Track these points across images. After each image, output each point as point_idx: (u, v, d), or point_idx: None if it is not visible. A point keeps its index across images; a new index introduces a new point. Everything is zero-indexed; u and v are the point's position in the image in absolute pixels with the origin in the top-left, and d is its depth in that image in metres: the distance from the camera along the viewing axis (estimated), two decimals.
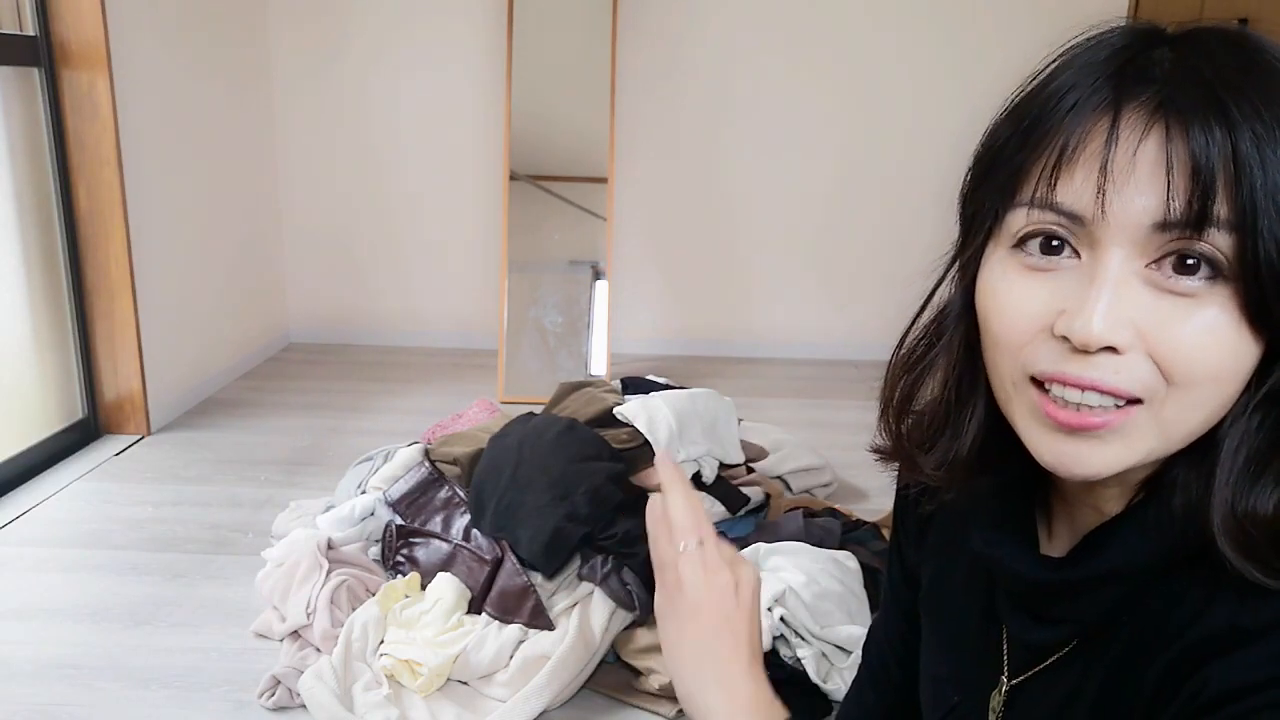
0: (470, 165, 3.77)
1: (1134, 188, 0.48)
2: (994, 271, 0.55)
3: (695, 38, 3.65)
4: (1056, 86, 0.52)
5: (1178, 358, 0.48)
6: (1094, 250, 0.50)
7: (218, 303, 3.39)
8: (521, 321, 3.42)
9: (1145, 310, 0.49)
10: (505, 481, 1.96)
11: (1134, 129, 0.48)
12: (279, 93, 3.74)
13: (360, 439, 2.84)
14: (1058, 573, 0.57)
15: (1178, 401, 0.49)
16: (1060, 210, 0.50)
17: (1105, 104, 0.49)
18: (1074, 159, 0.50)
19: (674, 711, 1.67)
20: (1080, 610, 0.56)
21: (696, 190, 3.81)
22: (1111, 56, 0.51)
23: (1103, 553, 0.55)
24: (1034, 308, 0.52)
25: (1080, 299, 0.49)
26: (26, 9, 2.57)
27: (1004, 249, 0.54)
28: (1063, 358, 0.51)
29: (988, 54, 3.59)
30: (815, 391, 3.52)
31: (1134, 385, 0.49)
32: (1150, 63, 0.50)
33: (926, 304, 0.64)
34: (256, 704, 1.67)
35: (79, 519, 2.37)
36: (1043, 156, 0.51)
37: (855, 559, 1.95)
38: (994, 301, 0.54)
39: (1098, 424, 0.50)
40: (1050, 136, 0.51)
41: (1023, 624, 0.60)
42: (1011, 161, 0.53)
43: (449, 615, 1.80)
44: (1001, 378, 0.55)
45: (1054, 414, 0.52)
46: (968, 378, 0.61)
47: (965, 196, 0.59)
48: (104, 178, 2.71)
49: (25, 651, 1.82)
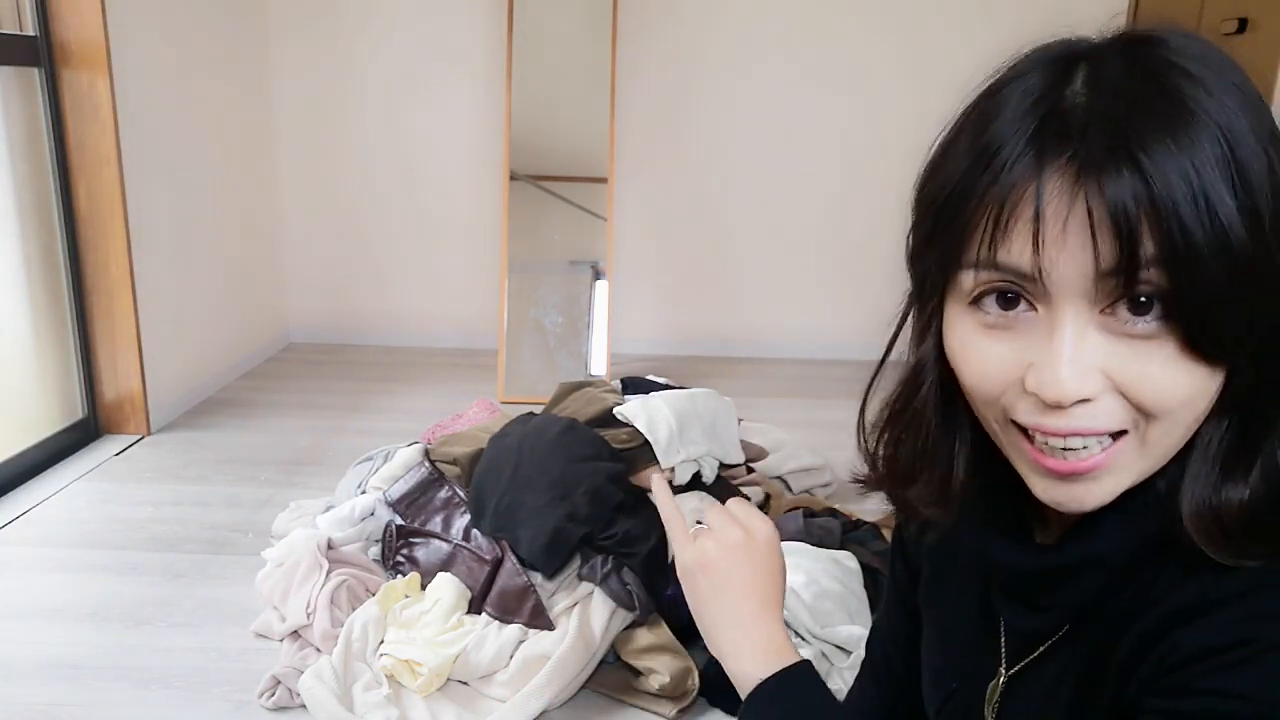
0: (470, 165, 3.77)
1: (1068, 251, 0.49)
2: (957, 330, 0.56)
3: (695, 38, 3.65)
4: (986, 143, 0.51)
5: (1147, 395, 0.50)
6: (1048, 304, 0.51)
7: (218, 303, 3.39)
8: (521, 321, 3.42)
9: (1108, 356, 0.50)
10: (505, 481, 1.96)
11: (1059, 194, 0.49)
12: (279, 92, 3.74)
13: (360, 439, 2.84)
14: (1046, 559, 0.59)
15: (1157, 428, 0.51)
16: (1005, 269, 0.51)
17: (1029, 169, 0.49)
18: (1009, 225, 0.50)
19: (674, 711, 1.67)
20: (1070, 596, 0.58)
21: (696, 190, 3.81)
22: (1032, 106, 0.51)
23: (1091, 539, 0.57)
24: (1001, 366, 0.53)
25: (1045, 353, 0.51)
26: (26, 9, 2.57)
27: (961, 305, 0.55)
28: (1039, 410, 0.52)
29: (989, 57, 3.58)
30: (815, 391, 3.52)
31: (1113, 423, 0.51)
32: (1065, 111, 0.49)
33: (888, 354, 0.66)
34: (256, 704, 1.67)
35: (79, 519, 2.37)
36: (980, 221, 0.51)
37: (855, 559, 1.96)
38: (963, 360, 0.56)
39: (1088, 467, 0.52)
40: (985, 201, 0.51)
41: (1017, 614, 0.62)
42: (952, 225, 0.53)
43: (449, 615, 1.80)
44: (986, 420, 0.57)
45: (1043, 462, 0.53)
46: (948, 413, 0.62)
47: (911, 258, 0.60)
48: (104, 178, 2.71)
49: (25, 651, 1.82)
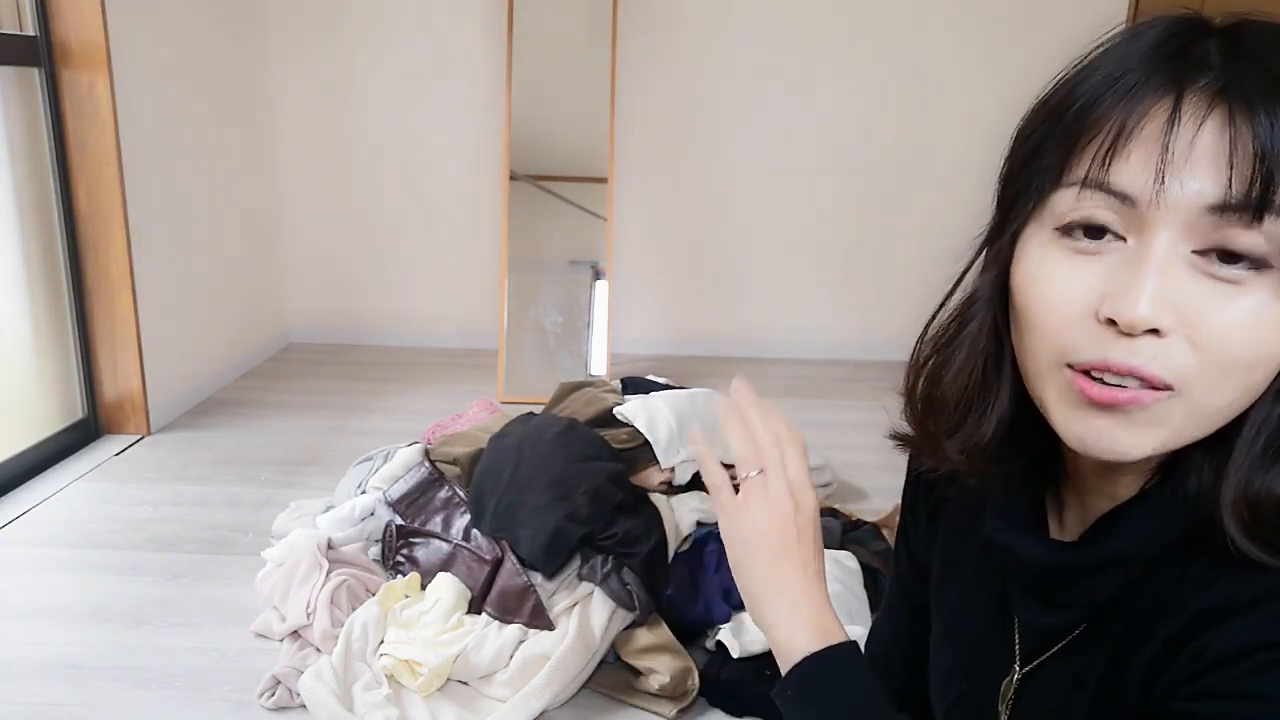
0: (470, 165, 3.77)
1: (1191, 171, 0.48)
2: (1034, 256, 0.54)
3: (696, 38, 3.65)
4: (1111, 70, 0.51)
5: (1215, 342, 0.48)
6: (1141, 234, 0.50)
7: (218, 303, 3.39)
8: (521, 321, 3.42)
9: (1188, 294, 0.49)
10: (505, 481, 1.96)
11: (1196, 111, 0.48)
12: (279, 92, 3.74)
13: (360, 439, 2.84)
14: (1068, 555, 0.57)
15: (1210, 387, 0.49)
16: (1112, 191, 0.50)
17: (1166, 86, 0.49)
18: (1132, 140, 0.49)
19: (674, 711, 1.67)
20: (1089, 593, 0.57)
21: (697, 190, 3.81)
22: (1162, 44, 0.50)
23: (1114, 536, 0.55)
24: (1077, 291, 0.52)
25: (1127, 281, 0.49)
26: (26, 9, 2.57)
27: (1046, 231, 0.54)
28: (1106, 343, 0.50)
29: (989, 58, 3.59)
30: (815, 391, 3.52)
31: (1169, 373, 0.49)
32: (1204, 50, 0.49)
33: (955, 289, 0.63)
34: (256, 704, 1.67)
35: (79, 519, 2.37)
36: (1097, 137, 0.50)
37: (855, 559, 1.96)
38: (1034, 287, 0.54)
39: (1127, 399, 0.50)
40: (1106, 117, 0.50)
41: (1033, 610, 0.61)
42: (1063, 141, 0.52)
43: (449, 615, 1.80)
44: (1036, 361, 0.55)
45: (1085, 389, 0.51)
46: (994, 363, 0.60)
47: (1006, 177, 0.58)
48: (104, 178, 2.71)
49: (25, 651, 1.82)
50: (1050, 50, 0.55)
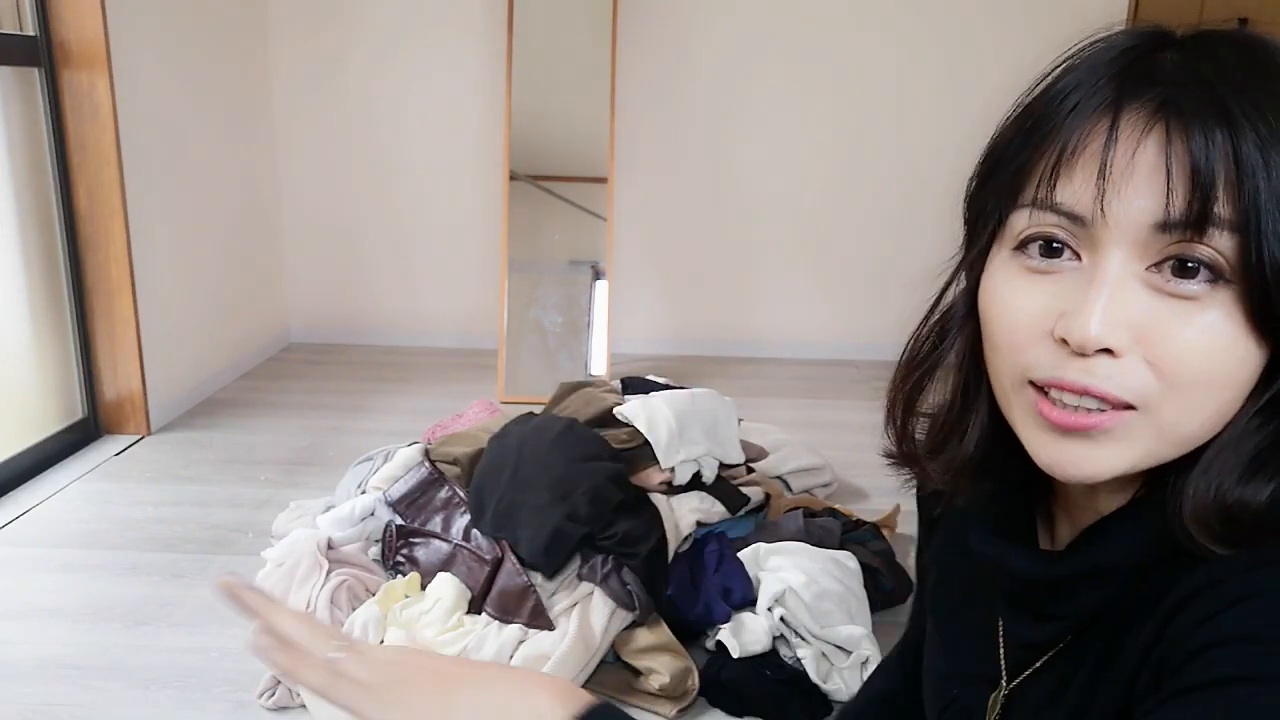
0: (470, 165, 3.77)
1: (1133, 189, 0.48)
2: (996, 275, 0.55)
3: (696, 38, 3.65)
4: (1061, 87, 0.52)
5: (1174, 361, 0.48)
6: (1094, 252, 0.50)
7: (218, 303, 3.39)
8: (521, 321, 3.42)
9: (1144, 312, 0.48)
10: (505, 481, 1.96)
11: (1133, 129, 0.48)
12: (279, 92, 3.74)
13: (360, 439, 2.84)
14: (1053, 566, 0.57)
15: (1175, 405, 0.49)
16: (1060, 211, 0.50)
17: (1106, 104, 0.49)
18: (1074, 160, 0.50)
19: (674, 711, 1.67)
20: (1075, 605, 0.57)
21: (697, 190, 3.81)
22: (1117, 58, 0.51)
23: (1099, 547, 0.55)
24: (1034, 310, 0.52)
25: (1080, 301, 0.49)
26: (26, 9, 2.57)
27: (1006, 251, 0.54)
28: (1061, 362, 0.50)
29: (987, 58, 3.59)
30: (815, 391, 3.52)
31: (1127, 392, 0.49)
32: (1155, 65, 0.49)
33: (934, 308, 0.63)
34: (256, 704, 1.67)
35: (79, 519, 2.37)
36: (1044, 157, 0.51)
37: (855, 559, 1.96)
38: (995, 305, 0.54)
39: (1091, 424, 0.50)
40: (1051, 137, 0.51)
41: (1022, 623, 0.61)
42: (1014, 162, 0.53)
43: (449, 615, 1.80)
44: (1000, 379, 0.56)
45: (1048, 414, 0.51)
46: (973, 382, 0.61)
47: (970, 198, 0.59)
48: (104, 178, 2.71)
49: (25, 651, 1.82)
50: (1054, 45, 0.55)
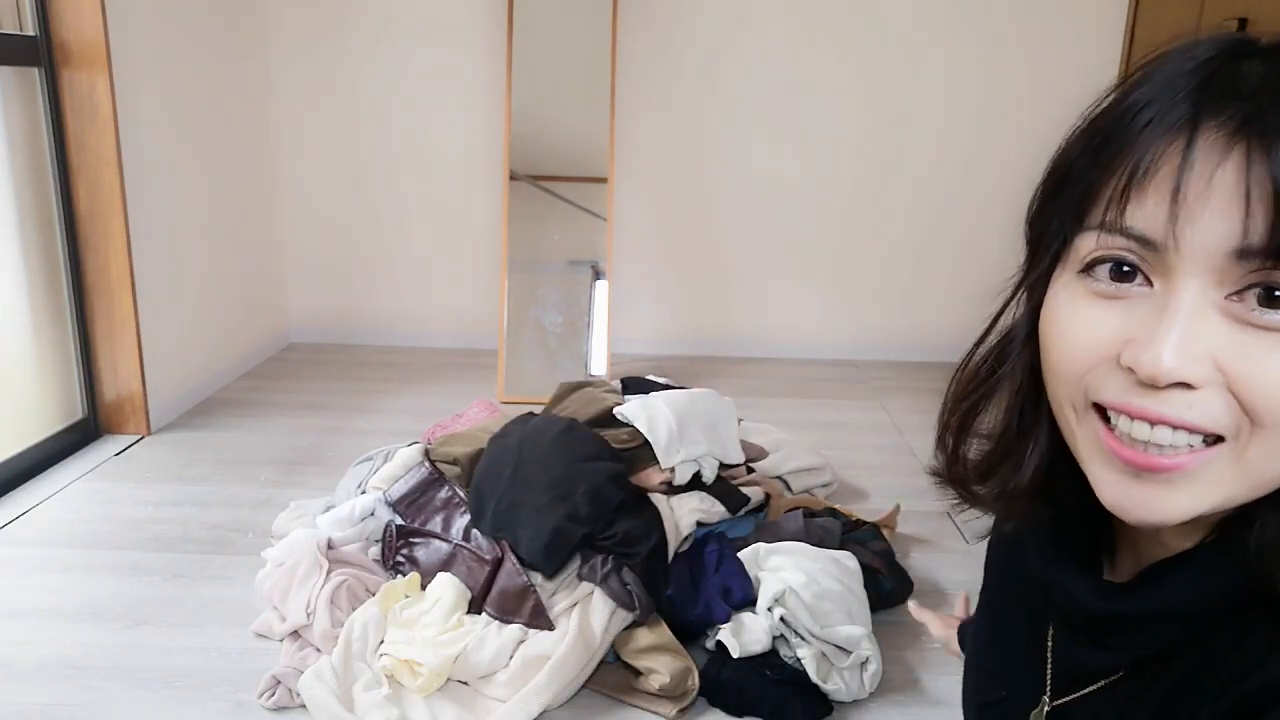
0: (470, 165, 3.77)
1: (1210, 214, 0.44)
2: (1059, 297, 0.51)
3: (696, 38, 3.65)
4: (1134, 101, 0.47)
5: (1259, 393, 0.44)
6: (1167, 279, 0.46)
7: (218, 303, 3.39)
8: (521, 321, 3.42)
9: (1225, 344, 0.44)
10: (505, 481, 1.96)
11: (1212, 149, 0.44)
12: (279, 93, 3.74)
13: (360, 439, 2.84)
14: (1114, 603, 0.54)
15: (1263, 444, 0.45)
16: (1131, 235, 0.47)
17: (1182, 122, 0.45)
18: (1145, 181, 0.46)
19: (674, 711, 1.67)
20: (1135, 642, 0.54)
21: (696, 190, 3.81)
22: (1195, 69, 0.46)
23: (1163, 588, 0.52)
24: (1099, 336, 0.48)
25: (1150, 329, 0.45)
26: (26, 9, 2.57)
27: (1071, 273, 0.51)
28: (1129, 389, 0.47)
29: (992, 58, 3.59)
30: (815, 391, 3.52)
31: (1210, 422, 0.45)
32: (1236, 77, 0.45)
33: (991, 327, 0.60)
34: (256, 704, 1.67)
35: (79, 519, 2.37)
36: (1113, 178, 0.47)
37: (855, 559, 1.96)
38: (1056, 328, 0.51)
39: (1169, 466, 0.46)
40: (1122, 156, 0.47)
41: (1072, 647, 0.58)
42: (1081, 182, 0.49)
43: (449, 615, 1.80)
44: (1061, 405, 0.52)
45: (1118, 451, 0.47)
46: (1031, 406, 0.57)
47: (1032, 217, 0.55)
48: (104, 178, 2.71)
49: (25, 651, 1.82)
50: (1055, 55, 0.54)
